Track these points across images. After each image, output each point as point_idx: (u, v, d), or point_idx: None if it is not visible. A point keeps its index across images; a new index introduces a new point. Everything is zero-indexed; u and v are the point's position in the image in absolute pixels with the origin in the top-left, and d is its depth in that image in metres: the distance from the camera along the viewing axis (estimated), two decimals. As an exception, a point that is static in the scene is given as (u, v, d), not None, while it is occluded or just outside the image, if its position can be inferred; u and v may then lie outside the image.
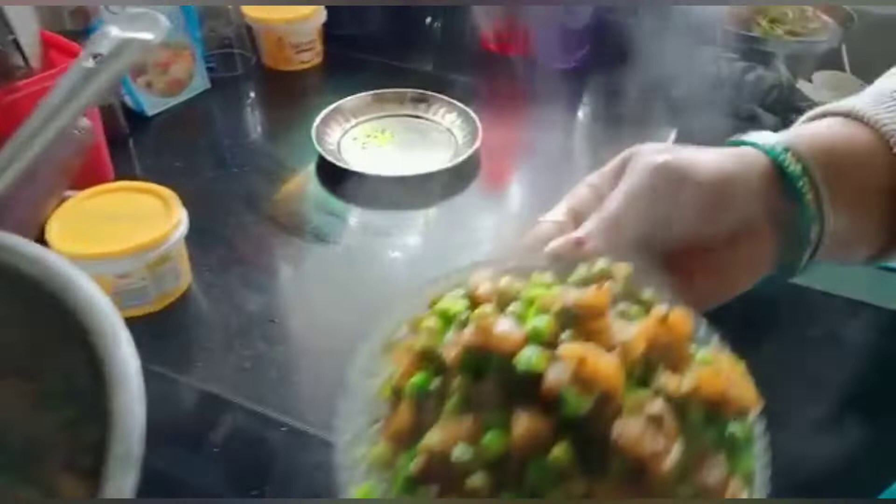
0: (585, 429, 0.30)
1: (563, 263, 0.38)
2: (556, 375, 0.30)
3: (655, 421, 0.29)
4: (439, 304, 0.36)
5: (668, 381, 0.31)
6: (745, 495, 0.30)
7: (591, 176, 0.44)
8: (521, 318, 0.33)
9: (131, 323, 0.59)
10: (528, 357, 0.31)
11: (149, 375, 0.52)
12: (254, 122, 0.83)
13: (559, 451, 0.29)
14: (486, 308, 0.33)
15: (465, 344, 0.32)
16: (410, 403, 0.33)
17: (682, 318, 0.34)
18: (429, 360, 0.34)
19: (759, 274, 0.40)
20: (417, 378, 0.33)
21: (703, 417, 0.32)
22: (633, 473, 0.29)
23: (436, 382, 0.33)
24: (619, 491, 0.29)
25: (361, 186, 0.70)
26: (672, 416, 0.30)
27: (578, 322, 0.32)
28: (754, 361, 0.33)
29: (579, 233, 0.40)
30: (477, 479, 0.29)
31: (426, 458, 0.30)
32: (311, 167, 0.73)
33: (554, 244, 0.40)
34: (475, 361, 0.32)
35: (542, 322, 0.32)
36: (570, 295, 0.33)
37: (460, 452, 0.30)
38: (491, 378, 0.32)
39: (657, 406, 0.30)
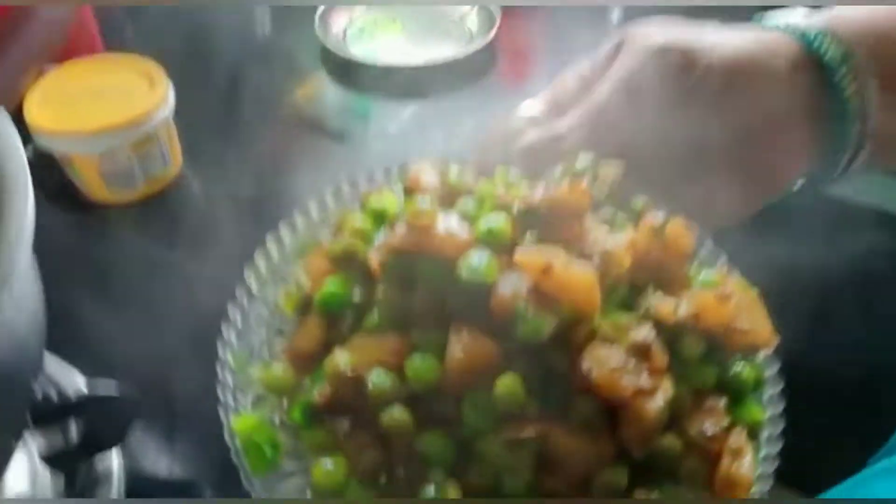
0: (545, 358, 0.22)
1: (537, 162, 0.30)
2: (510, 287, 0.22)
3: (640, 351, 0.22)
4: (371, 200, 0.29)
5: (659, 304, 0.24)
6: (748, 450, 0.23)
7: (581, 64, 0.35)
8: (471, 219, 0.25)
9: (120, 209, 0.53)
10: (476, 263, 0.23)
11: (138, 261, 0.47)
12: (260, 7, 0.75)
13: (506, 382, 0.22)
14: (425, 201, 0.25)
15: (394, 244, 0.24)
16: (321, 316, 0.25)
17: (681, 229, 0.26)
18: (349, 265, 0.26)
19: (786, 184, 0.32)
20: (332, 285, 0.25)
21: (701, 352, 0.24)
22: (603, 417, 0.22)
23: (357, 294, 0.26)
24: (582, 439, 0.21)
25: (367, 77, 0.64)
26: (662, 348, 0.23)
27: (546, 225, 0.25)
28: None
29: (559, 126, 0.32)
30: (395, 414, 0.22)
31: (334, 383, 0.23)
32: (317, 56, 0.68)
33: (526, 138, 0.32)
34: (406, 267, 0.24)
35: (497, 221, 0.24)
36: (538, 191, 0.25)
37: (377, 379, 0.23)
38: (424, 288, 0.24)
39: (643, 333, 0.22)
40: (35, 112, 0.50)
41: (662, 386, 0.21)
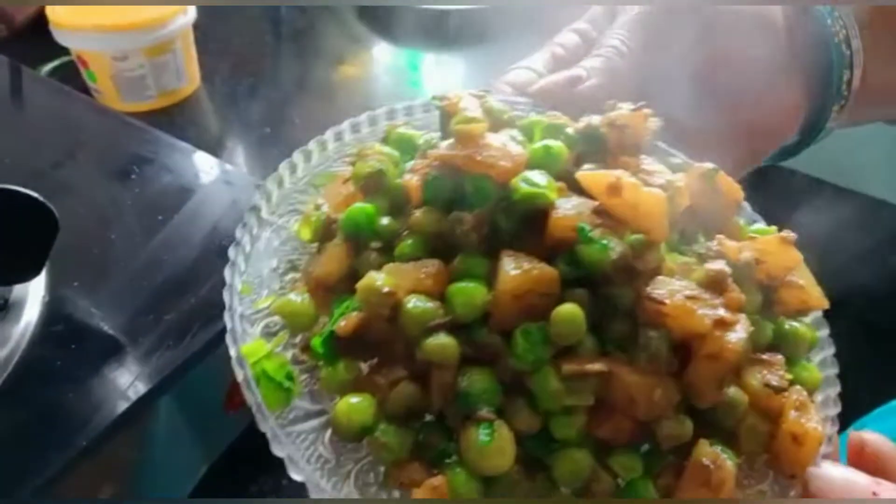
0: (609, 286, 0.20)
1: (554, 104, 0.29)
2: (572, 207, 0.20)
3: (714, 283, 0.20)
4: (398, 130, 0.26)
5: (722, 244, 0.22)
6: (811, 407, 0.21)
7: (578, 21, 0.35)
8: (521, 144, 0.23)
9: (132, 118, 0.53)
10: (535, 178, 0.21)
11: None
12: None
13: (565, 312, 0.19)
14: (472, 111, 0.22)
15: (442, 155, 0.21)
16: (347, 241, 0.22)
17: (728, 179, 0.25)
18: (377, 188, 0.23)
19: (782, 138, 0.33)
20: (360, 207, 0.22)
21: (759, 302, 0.22)
22: (671, 356, 0.19)
23: (385, 221, 0.23)
24: (648, 379, 0.19)
25: (390, 17, 0.66)
26: (736, 285, 0.21)
27: (606, 151, 0.23)
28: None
29: (576, 69, 0.30)
30: (442, 340, 0.19)
31: (367, 303, 0.20)
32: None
33: (542, 82, 0.30)
34: (449, 187, 0.22)
35: (554, 141, 0.22)
36: (595, 117, 0.23)
37: (417, 304, 0.20)
38: (471, 210, 0.21)
39: (718, 264, 0.20)
40: (57, 10, 0.51)
41: (741, 321, 0.19)
